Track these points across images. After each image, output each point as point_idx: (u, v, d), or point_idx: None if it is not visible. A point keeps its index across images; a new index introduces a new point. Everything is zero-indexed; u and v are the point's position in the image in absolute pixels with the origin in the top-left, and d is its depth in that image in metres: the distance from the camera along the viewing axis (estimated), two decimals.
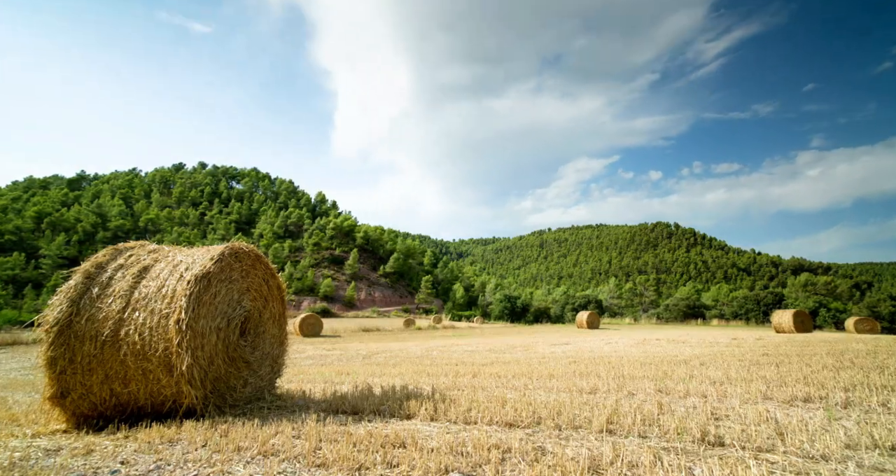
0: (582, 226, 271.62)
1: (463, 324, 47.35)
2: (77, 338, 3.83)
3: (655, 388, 4.83)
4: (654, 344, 13.54)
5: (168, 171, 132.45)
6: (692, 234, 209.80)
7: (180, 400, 3.87)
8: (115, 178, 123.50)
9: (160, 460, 2.78)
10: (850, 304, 45.05)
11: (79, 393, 3.87)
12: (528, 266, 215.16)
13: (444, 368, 7.78)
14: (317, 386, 5.97)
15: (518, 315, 55.46)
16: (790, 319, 24.08)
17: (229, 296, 4.48)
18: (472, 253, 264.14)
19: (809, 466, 2.43)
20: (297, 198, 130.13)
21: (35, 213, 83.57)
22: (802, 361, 7.14)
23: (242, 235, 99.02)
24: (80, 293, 3.99)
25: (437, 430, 3.36)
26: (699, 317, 49.45)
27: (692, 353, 9.71)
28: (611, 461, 2.52)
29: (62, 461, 2.83)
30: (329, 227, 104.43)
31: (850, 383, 4.86)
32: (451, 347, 14.36)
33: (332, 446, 2.86)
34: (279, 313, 5.30)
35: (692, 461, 2.53)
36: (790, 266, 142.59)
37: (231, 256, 4.47)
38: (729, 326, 39.77)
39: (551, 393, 4.83)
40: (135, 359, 3.80)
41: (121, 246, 4.56)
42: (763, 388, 4.62)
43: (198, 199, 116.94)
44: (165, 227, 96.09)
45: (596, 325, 33.76)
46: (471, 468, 2.50)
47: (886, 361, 6.91)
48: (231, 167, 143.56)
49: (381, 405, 4.27)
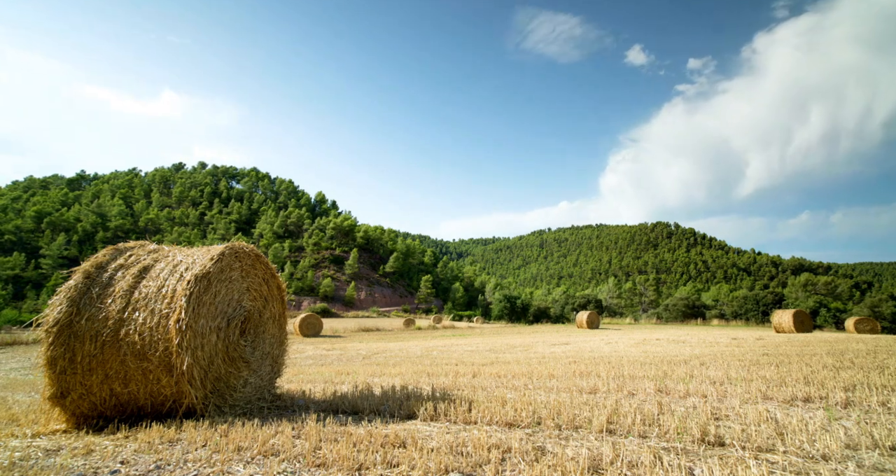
0: (582, 226, 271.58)
1: (463, 324, 47.35)
2: (77, 338, 3.83)
3: (655, 388, 4.83)
4: (654, 344, 13.54)
5: (168, 171, 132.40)
6: (692, 234, 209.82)
7: (180, 400, 3.87)
8: (115, 177, 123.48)
9: (160, 460, 2.78)
10: (851, 304, 45.02)
11: (79, 393, 3.86)
12: (529, 266, 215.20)
13: (444, 368, 7.78)
14: (317, 386, 5.97)
15: (518, 315, 55.43)
16: (790, 319, 24.07)
17: (229, 296, 4.48)
18: (472, 253, 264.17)
19: (809, 466, 2.42)
20: (297, 197, 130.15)
21: (35, 213, 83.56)
22: (802, 361, 7.14)
23: (242, 235, 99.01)
24: (81, 293, 3.99)
25: (437, 430, 3.36)
26: (699, 317, 49.42)
27: (692, 352, 9.71)
28: (611, 461, 2.52)
29: (62, 461, 2.83)
30: (329, 227, 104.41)
31: (850, 383, 4.86)
32: (451, 347, 14.36)
33: (332, 446, 2.86)
34: (279, 313, 5.30)
35: (692, 461, 2.53)
36: (790, 266, 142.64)
37: (231, 256, 4.47)
38: (729, 326, 39.75)
39: (551, 393, 4.83)
40: (135, 359, 3.80)
41: (121, 246, 4.56)
42: (763, 388, 4.62)
43: (198, 199, 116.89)
44: (165, 227, 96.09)
45: (596, 324, 33.75)
46: (471, 468, 2.50)
47: (886, 361, 6.91)
48: (231, 167, 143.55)
49: (381, 405, 4.27)
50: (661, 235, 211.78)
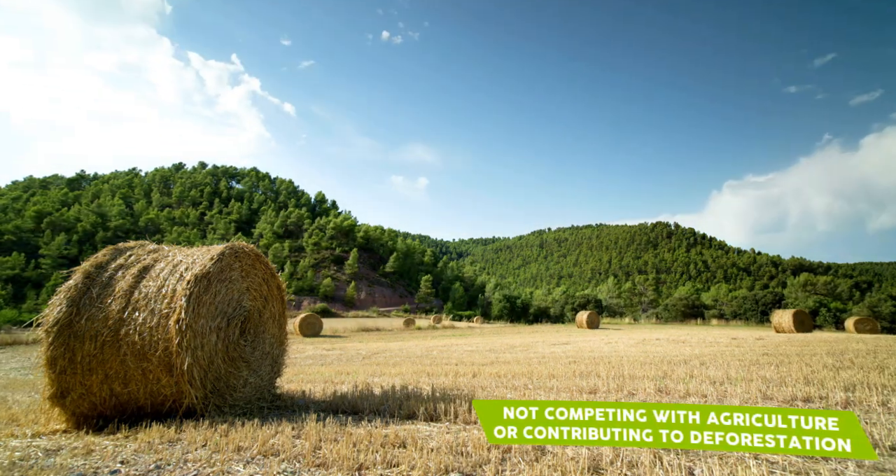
0: (582, 226, 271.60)
1: (463, 323, 47.33)
2: (77, 338, 3.83)
3: (655, 388, 4.83)
4: (653, 343, 13.54)
5: (168, 171, 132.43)
6: (692, 234, 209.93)
7: (180, 400, 3.87)
8: (115, 177, 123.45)
9: (160, 460, 2.78)
10: (851, 304, 45.04)
11: (79, 393, 3.86)
12: (528, 266, 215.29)
13: (444, 368, 7.78)
14: (317, 386, 5.98)
15: (518, 315, 55.46)
16: (790, 319, 24.08)
17: (229, 296, 4.48)
18: (472, 252, 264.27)
19: (809, 466, 2.43)
20: (297, 197, 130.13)
21: (35, 213, 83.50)
22: (802, 361, 7.14)
23: (242, 235, 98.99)
24: (80, 293, 3.99)
25: (437, 430, 3.36)
26: (699, 316, 49.44)
27: (692, 352, 9.71)
28: (611, 461, 2.52)
29: (62, 461, 2.83)
30: (329, 227, 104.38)
31: (850, 383, 4.86)
32: (451, 347, 14.36)
33: (332, 446, 2.86)
34: (279, 313, 5.30)
35: (692, 461, 2.54)
36: (790, 266, 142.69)
37: (231, 256, 4.47)
38: (729, 326, 39.75)
39: (551, 393, 4.83)
40: (135, 359, 3.80)
41: (121, 246, 4.56)
42: (763, 388, 4.62)
43: (198, 198, 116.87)
44: (165, 227, 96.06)
45: (596, 324, 33.75)
46: (471, 468, 2.50)
47: (886, 361, 6.91)
48: (231, 167, 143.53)
49: (381, 405, 4.27)
50: (661, 235, 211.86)
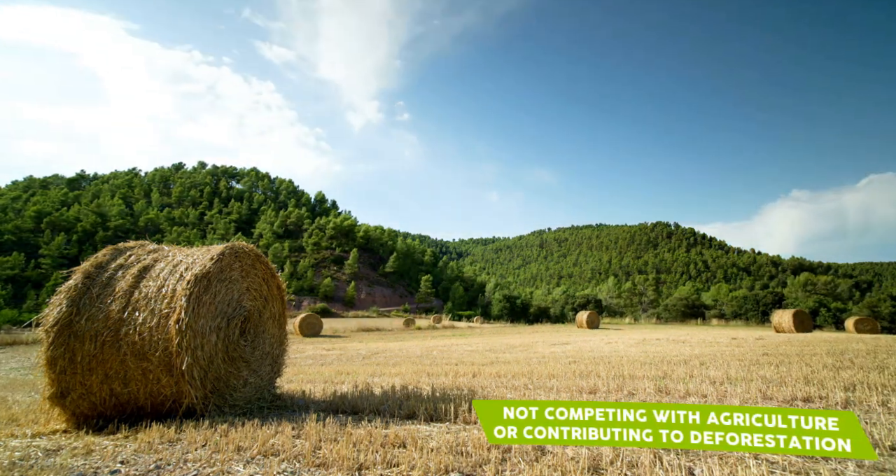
0: (582, 226, 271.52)
1: (463, 323, 47.33)
2: (77, 338, 3.83)
3: (655, 388, 4.83)
4: (653, 343, 13.54)
5: (168, 171, 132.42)
6: (692, 234, 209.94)
7: (180, 400, 3.87)
8: (115, 177, 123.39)
9: (160, 460, 2.78)
10: (851, 304, 45.07)
11: (79, 393, 3.86)
12: (528, 266, 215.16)
13: (444, 368, 7.78)
14: (317, 386, 5.98)
15: (518, 315, 55.46)
16: (790, 319, 24.08)
17: (229, 296, 4.48)
18: (472, 252, 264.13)
19: (809, 466, 2.43)
20: (296, 197, 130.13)
21: (35, 213, 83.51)
22: (802, 361, 7.14)
23: (242, 235, 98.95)
24: (80, 293, 3.99)
25: (437, 430, 3.36)
26: (699, 316, 49.44)
27: (692, 352, 9.71)
28: (611, 461, 2.52)
29: (62, 461, 2.83)
30: (329, 227, 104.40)
31: (850, 383, 4.86)
32: (451, 347, 14.36)
33: (332, 446, 2.86)
34: (279, 313, 5.30)
35: (692, 461, 2.54)
36: (790, 266, 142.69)
37: (231, 256, 4.47)
38: (729, 326, 39.75)
39: (551, 393, 4.83)
40: (135, 359, 3.80)
41: (121, 246, 4.56)
42: (763, 388, 4.62)
43: (198, 198, 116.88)
44: (165, 227, 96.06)
45: (596, 324, 33.75)
46: (471, 468, 2.50)
47: (886, 361, 6.91)
48: (231, 167, 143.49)
49: (381, 405, 4.28)
50: (661, 235, 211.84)
